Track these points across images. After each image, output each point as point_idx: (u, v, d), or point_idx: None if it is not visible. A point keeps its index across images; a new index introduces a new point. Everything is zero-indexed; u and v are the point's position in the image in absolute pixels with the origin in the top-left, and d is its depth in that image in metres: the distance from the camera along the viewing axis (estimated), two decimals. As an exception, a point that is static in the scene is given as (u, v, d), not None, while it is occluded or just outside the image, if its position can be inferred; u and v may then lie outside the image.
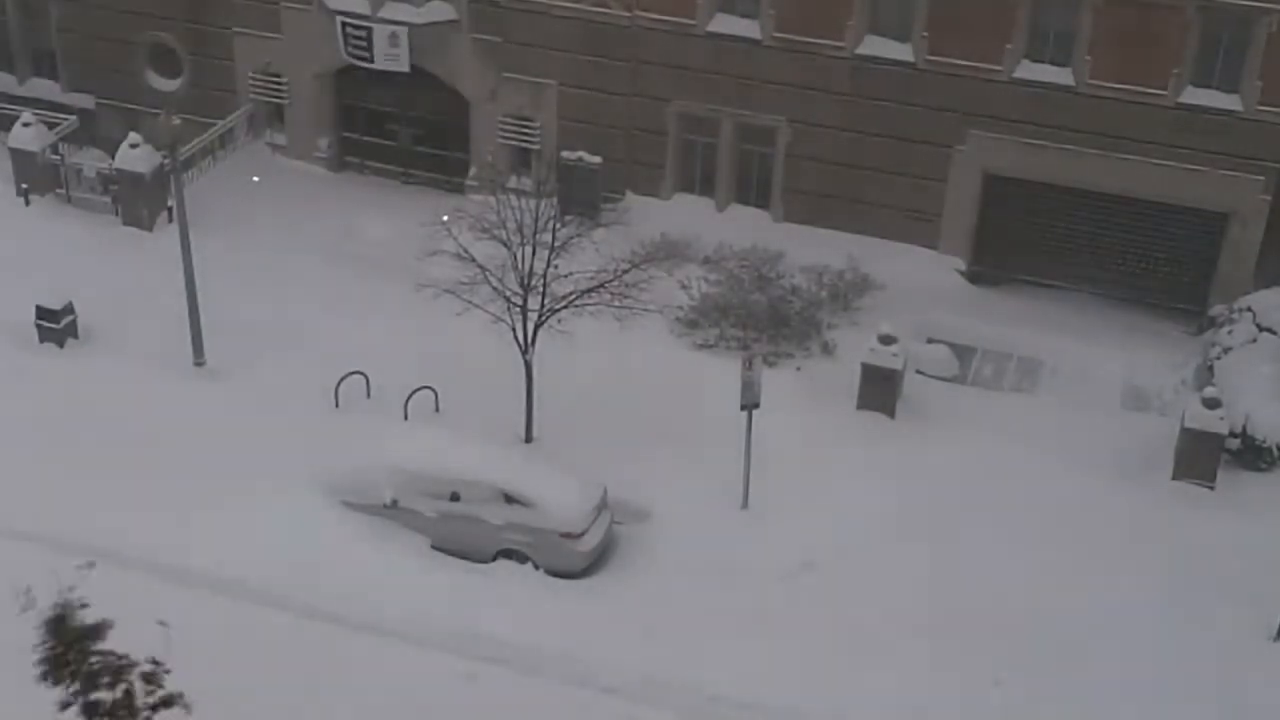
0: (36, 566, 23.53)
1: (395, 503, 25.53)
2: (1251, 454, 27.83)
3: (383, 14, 34.40)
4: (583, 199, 32.66)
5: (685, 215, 34.37)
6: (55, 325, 30.04)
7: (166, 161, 31.04)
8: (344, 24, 34.79)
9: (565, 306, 27.10)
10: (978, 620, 24.04)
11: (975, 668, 23.17)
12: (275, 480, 26.12)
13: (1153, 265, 32.99)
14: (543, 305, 27.02)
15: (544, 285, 26.93)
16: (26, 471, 26.28)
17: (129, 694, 13.15)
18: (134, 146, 34.22)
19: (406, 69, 34.85)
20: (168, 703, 13.40)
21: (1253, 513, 26.80)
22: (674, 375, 29.37)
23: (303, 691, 22.10)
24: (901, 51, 32.39)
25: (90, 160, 35.80)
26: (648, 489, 26.61)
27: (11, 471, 26.24)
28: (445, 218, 28.19)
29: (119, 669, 13.04)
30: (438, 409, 28.39)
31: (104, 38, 37.75)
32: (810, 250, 32.77)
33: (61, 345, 30.08)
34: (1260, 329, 29.62)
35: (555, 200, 28.82)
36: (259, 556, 24.72)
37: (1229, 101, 30.85)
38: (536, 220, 26.78)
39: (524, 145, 35.61)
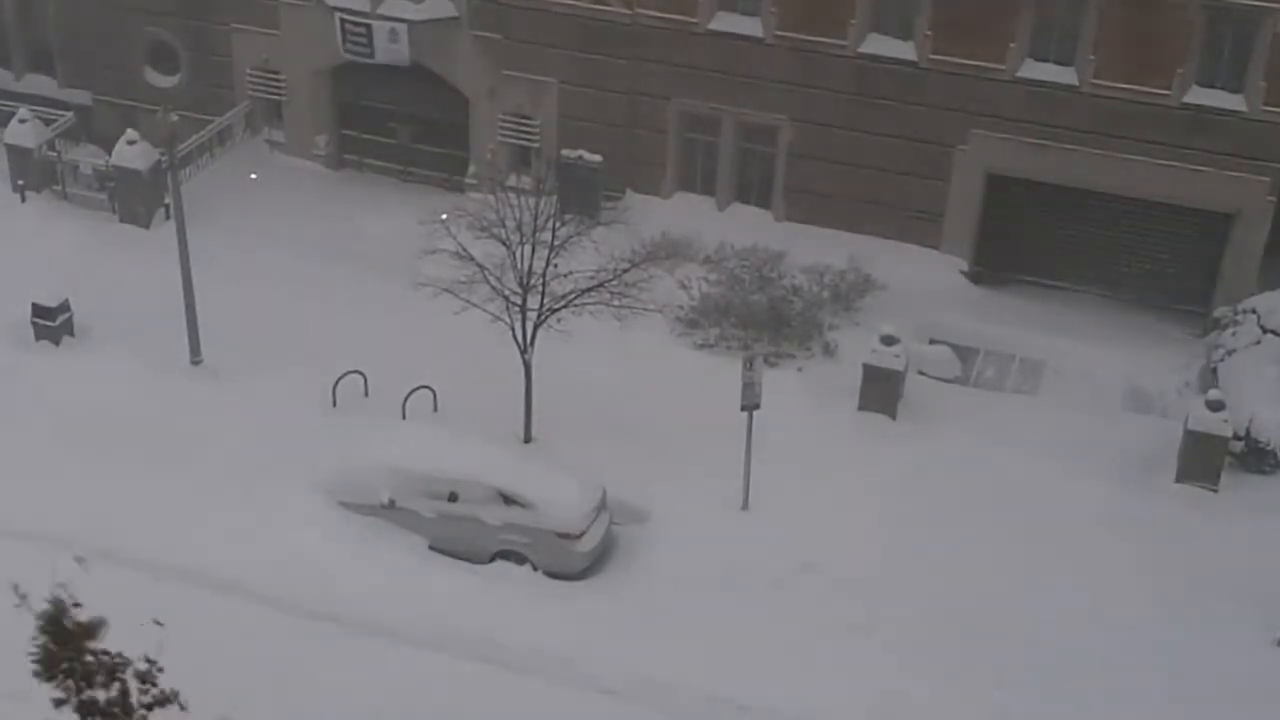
0: (32, 564, 23.48)
1: (393, 503, 25.39)
2: (1255, 456, 27.69)
3: (382, 10, 34.24)
4: (583, 197, 32.48)
5: (686, 214, 34.22)
6: (51, 323, 29.90)
7: (164, 158, 30.87)
8: (342, 20, 34.62)
9: (565, 306, 26.96)
10: (979, 622, 23.92)
11: (976, 670, 23.03)
12: (272, 480, 26.04)
13: (1156, 266, 32.86)
14: (542, 304, 26.88)
15: (543, 284, 26.79)
16: (22, 470, 26.15)
17: (124, 692, 13.05)
18: (131, 143, 34.08)
19: (407, 61, 34.67)
20: (163, 701, 13.29)
21: (1256, 516, 26.67)
22: (674, 375, 29.24)
23: (300, 692, 21.98)
24: (904, 50, 32.25)
25: (87, 157, 35.63)
26: (647, 489, 26.49)
27: (7, 470, 26.12)
28: (444, 216, 28.09)
29: (114, 667, 12.94)
30: (436, 409, 28.24)
31: (101, 33, 37.60)
32: (811, 250, 32.62)
33: (57, 343, 29.94)
34: (1265, 331, 29.44)
35: (555, 199, 28.66)
36: (255, 556, 24.63)
37: (1233, 102, 30.69)
38: (536, 219, 26.64)
39: (524, 143, 35.46)
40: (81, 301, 30.29)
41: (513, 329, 26.95)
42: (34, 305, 29.86)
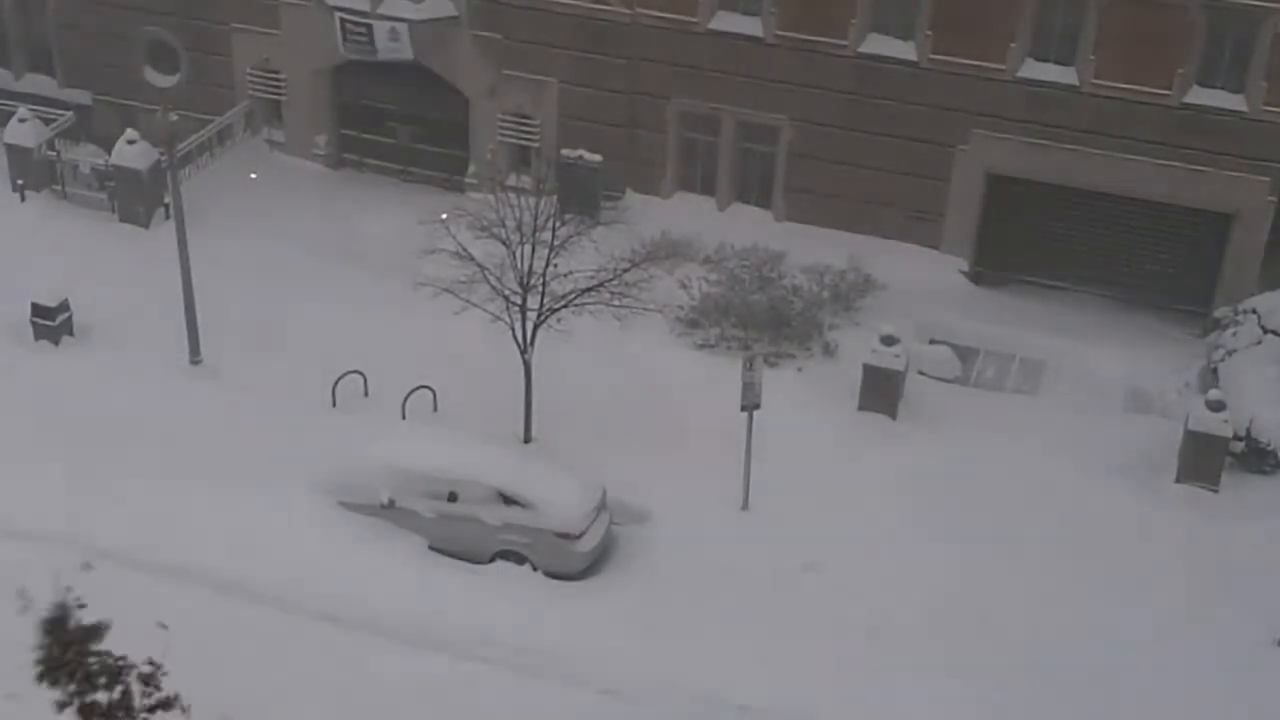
0: (33, 566, 23.44)
1: (392, 503, 25.35)
2: (1256, 457, 27.66)
3: (382, 9, 34.20)
4: (582, 197, 32.46)
5: (686, 214, 34.19)
6: (51, 323, 29.86)
7: (163, 158, 30.85)
8: (342, 20, 34.58)
9: (565, 306, 26.93)
10: (978, 622, 23.90)
11: (975, 669, 22.99)
12: (272, 480, 25.98)
13: (1156, 266, 32.83)
14: (542, 304, 26.85)
15: (543, 284, 26.76)
16: (21, 470, 26.10)
17: (126, 695, 13.01)
18: (131, 142, 34.04)
19: (410, 56, 34.61)
20: (165, 704, 13.25)
21: (1257, 516, 26.65)
22: (674, 375, 29.20)
23: (300, 692, 21.94)
24: (905, 50, 32.22)
25: (86, 156, 35.60)
26: (647, 489, 26.44)
27: (6, 470, 26.07)
28: (444, 216, 28.07)
29: (117, 670, 12.91)
30: (436, 409, 28.21)
31: (101, 33, 37.56)
32: (812, 250, 32.58)
33: (57, 343, 29.91)
34: (1265, 331, 29.41)
35: (555, 198, 28.64)
36: (255, 556, 24.59)
37: (1234, 102, 30.68)
38: (536, 218, 26.61)
39: (524, 143, 35.43)
40: (81, 301, 30.24)
41: (513, 329, 26.91)
42: (33, 305, 29.82)
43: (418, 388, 28.13)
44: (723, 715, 22.36)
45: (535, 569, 25.09)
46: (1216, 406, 27.02)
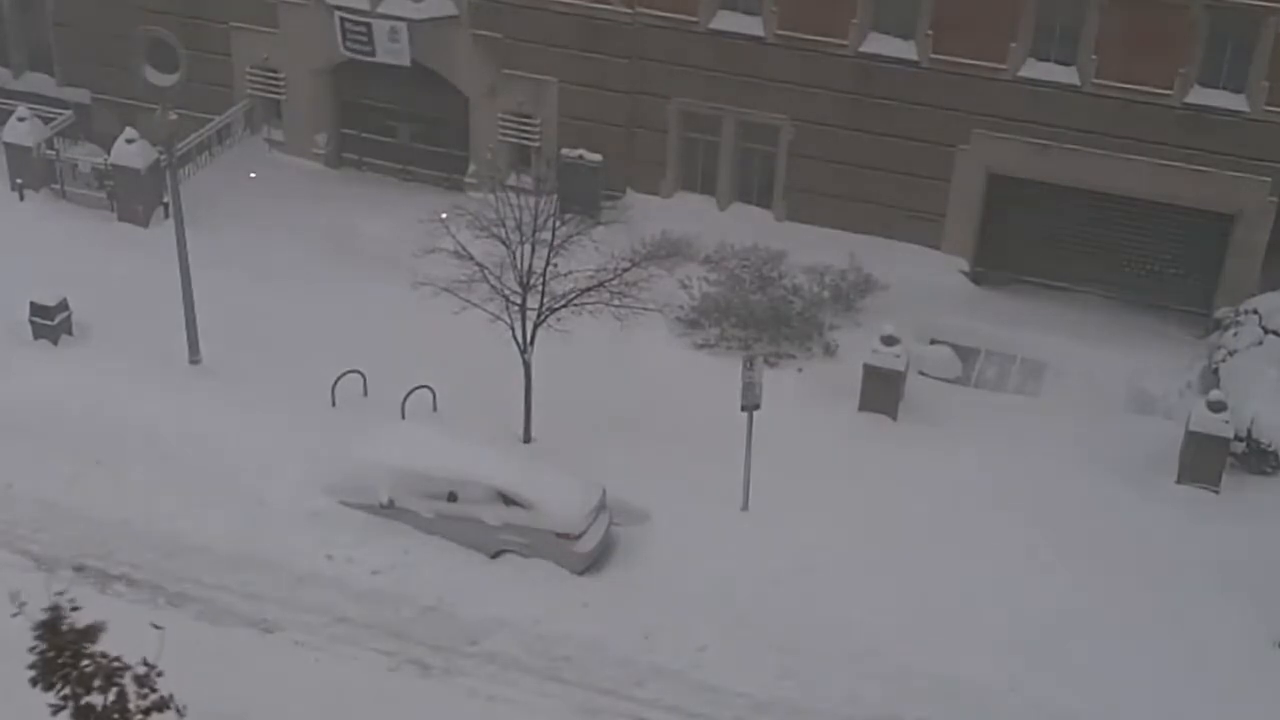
0: (30, 565, 23.44)
1: (391, 503, 25.30)
2: (1257, 457, 27.64)
3: (382, 9, 34.16)
4: (583, 197, 32.46)
5: (686, 214, 34.15)
6: (49, 322, 29.82)
7: (163, 157, 30.82)
8: (342, 19, 34.54)
9: (564, 305, 26.89)
10: (978, 622, 23.84)
11: (975, 669, 22.94)
12: (271, 480, 25.95)
13: (1158, 267, 32.81)
14: (542, 304, 26.81)
15: (543, 284, 26.72)
16: (19, 469, 26.04)
17: (122, 697, 12.96)
18: (130, 141, 34.02)
19: (408, 62, 34.60)
20: (160, 707, 13.19)
21: (1258, 517, 26.66)
22: (674, 375, 29.19)
23: (298, 691, 21.91)
24: (905, 50, 32.18)
25: (86, 155, 35.57)
26: (647, 490, 26.38)
27: (4, 469, 26.00)
28: (444, 215, 28.05)
29: (111, 672, 12.85)
30: (435, 408, 28.16)
31: (100, 32, 37.53)
32: (812, 250, 32.57)
33: (55, 342, 29.86)
34: (1266, 331, 29.38)
35: (555, 198, 28.59)
36: (254, 556, 24.56)
37: (1236, 102, 30.64)
38: (536, 218, 26.57)
39: (524, 142, 35.39)
40: (80, 300, 30.20)
41: (512, 329, 26.87)
42: (32, 304, 29.77)
43: (417, 388, 28.08)
44: (721, 716, 22.32)
45: (535, 569, 25.07)
46: (1217, 407, 27.00)
